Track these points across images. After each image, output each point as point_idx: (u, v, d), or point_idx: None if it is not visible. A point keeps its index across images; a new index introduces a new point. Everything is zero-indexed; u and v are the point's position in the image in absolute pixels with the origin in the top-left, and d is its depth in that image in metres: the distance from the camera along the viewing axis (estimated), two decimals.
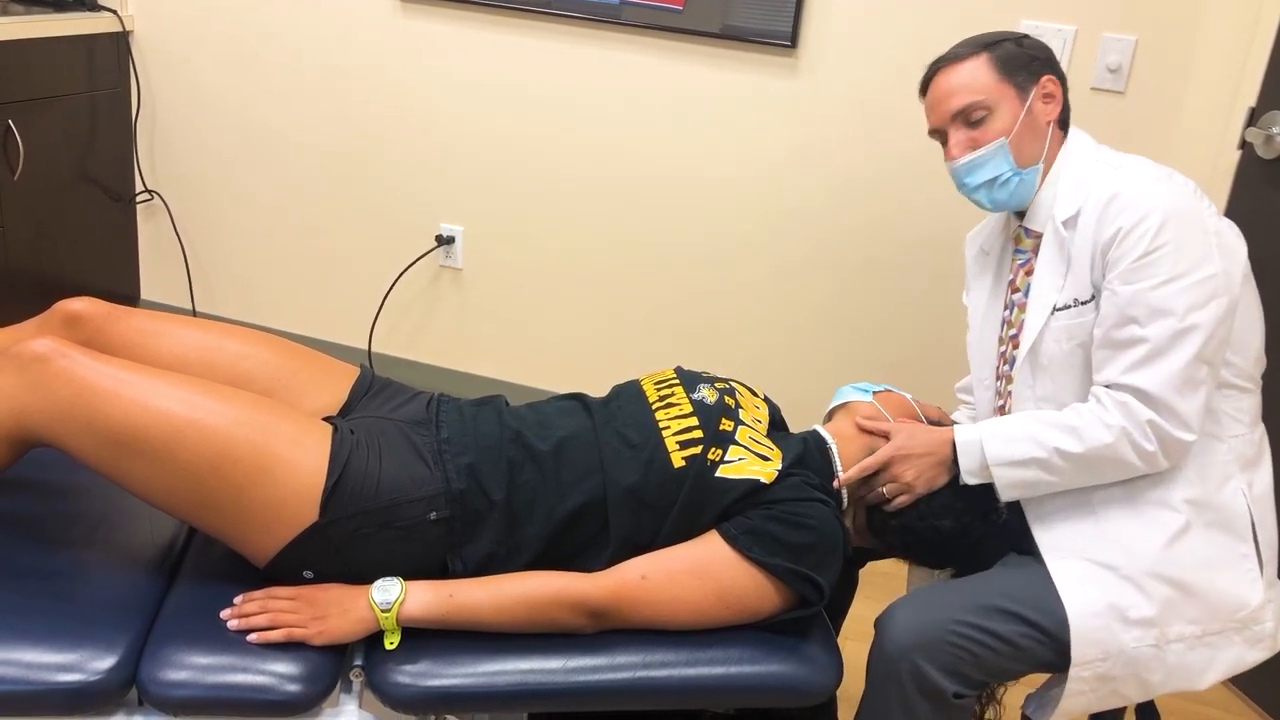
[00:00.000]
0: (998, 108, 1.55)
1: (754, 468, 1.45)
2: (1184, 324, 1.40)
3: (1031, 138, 1.56)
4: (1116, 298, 1.44)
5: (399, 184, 2.90)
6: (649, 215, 2.73)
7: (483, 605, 1.36)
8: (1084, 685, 1.47)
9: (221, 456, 1.32)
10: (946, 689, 1.45)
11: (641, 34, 2.59)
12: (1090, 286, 1.49)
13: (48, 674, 1.25)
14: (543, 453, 1.47)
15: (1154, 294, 1.41)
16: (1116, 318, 1.44)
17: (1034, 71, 1.56)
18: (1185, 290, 1.40)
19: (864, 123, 2.51)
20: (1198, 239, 1.42)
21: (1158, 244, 1.41)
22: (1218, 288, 1.41)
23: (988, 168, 1.56)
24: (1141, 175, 1.47)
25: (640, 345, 2.86)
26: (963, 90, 1.56)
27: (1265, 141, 2.08)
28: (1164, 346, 1.41)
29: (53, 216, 2.82)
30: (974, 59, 1.56)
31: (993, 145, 1.55)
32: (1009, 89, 1.55)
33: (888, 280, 2.61)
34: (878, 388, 1.69)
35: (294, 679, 1.30)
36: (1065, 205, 1.54)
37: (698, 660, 1.38)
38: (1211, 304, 1.41)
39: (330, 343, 3.11)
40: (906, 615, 1.48)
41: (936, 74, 1.60)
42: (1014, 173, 1.56)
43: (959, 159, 1.58)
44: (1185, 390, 1.41)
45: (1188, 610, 1.46)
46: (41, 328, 1.55)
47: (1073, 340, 1.51)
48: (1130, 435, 1.43)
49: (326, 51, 2.84)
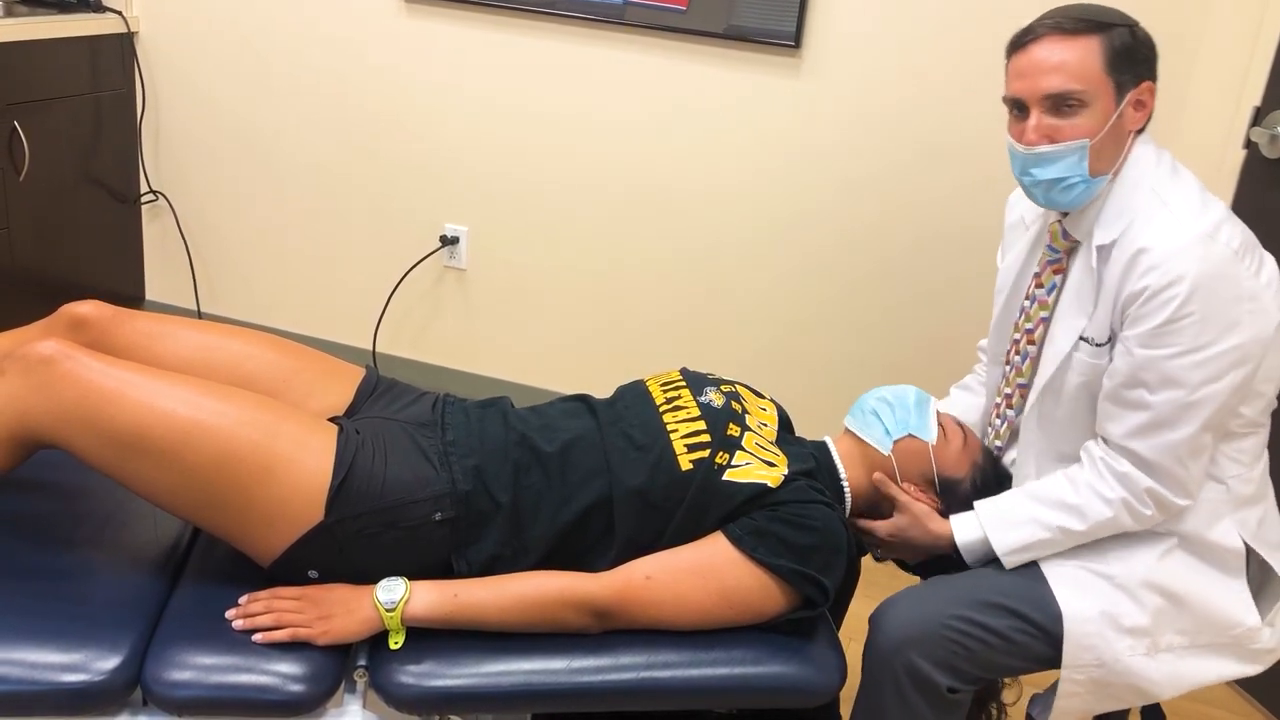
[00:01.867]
0: (1093, 103, 1.39)
1: (760, 473, 1.45)
2: (1194, 397, 1.36)
3: (1113, 145, 1.43)
4: (1131, 357, 1.38)
5: (403, 185, 2.91)
6: (653, 215, 2.73)
7: (487, 605, 1.36)
8: (1078, 687, 1.47)
9: (226, 457, 1.32)
10: (940, 683, 1.45)
11: (645, 34, 2.59)
12: (1109, 329, 1.44)
13: (52, 674, 1.26)
14: (548, 454, 1.47)
15: (1168, 364, 1.35)
16: (1127, 377, 1.40)
17: (1139, 74, 1.42)
18: (1202, 364, 1.34)
19: (868, 122, 2.51)
20: (1226, 309, 1.33)
21: (1182, 314, 1.33)
22: (1239, 358, 1.35)
23: (1059, 166, 1.43)
24: (1179, 229, 1.36)
25: (645, 346, 2.86)
26: (1065, 72, 1.39)
27: (1270, 141, 2.08)
28: (1169, 418, 1.38)
29: (58, 217, 2.82)
30: (1087, 39, 1.39)
31: (1073, 144, 1.41)
32: (1109, 85, 1.40)
33: (893, 279, 2.61)
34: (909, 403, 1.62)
35: (298, 679, 1.30)
36: (1104, 230, 1.44)
37: (701, 661, 1.38)
38: (1229, 376, 1.35)
39: (335, 343, 3.11)
40: (900, 611, 1.49)
41: (1040, 39, 1.41)
42: (1083, 180, 1.43)
43: (1033, 146, 1.43)
44: (1187, 459, 1.40)
45: (1179, 621, 1.46)
46: (47, 331, 1.55)
47: (1083, 378, 1.48)
48: (1129, 505, 1.43)
49: (331, 52, 2.84)
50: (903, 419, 1.60)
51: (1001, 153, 2.43)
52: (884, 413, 1.61)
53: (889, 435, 1.59)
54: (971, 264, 2.53)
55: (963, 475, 1.59)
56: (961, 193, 2.49)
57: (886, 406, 1.62)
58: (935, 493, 1.58)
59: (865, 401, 1.64)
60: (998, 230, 2.47)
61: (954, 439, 1.61)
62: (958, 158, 2.47)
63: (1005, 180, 2.45)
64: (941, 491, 1.58)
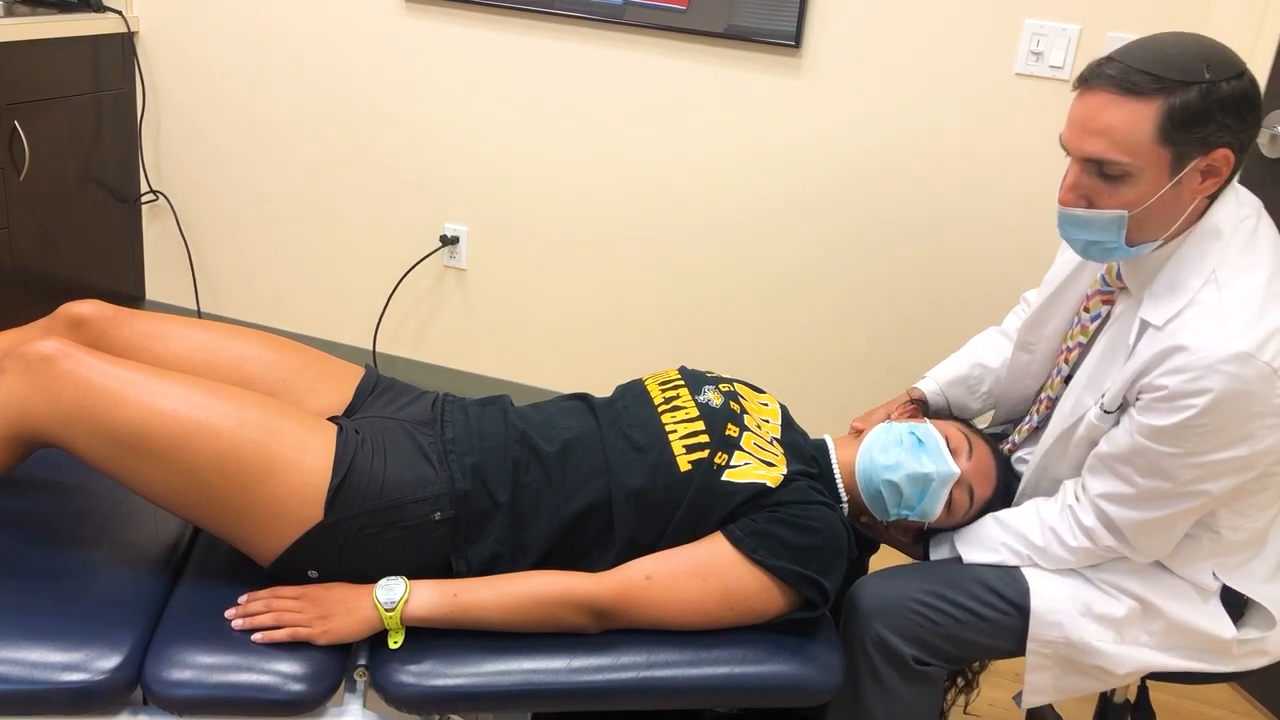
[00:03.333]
0: (1140, 175, 1.27)
1: (759, 472, 1.45)
2: (1180, 491, 1.34)
3: (1163, 215, 1.31)
4: (1130, 439, 1.35)
5: (403, 184, 2.91)
6: (652, 215, 2.73)
7: (487, 605, 1.36)
8: (1045, 661, 1.49)
9: (226, 457, 1.32)
10: (906, 654, 1.48)
11: (645, 34, 2.59)
12: (1121, 398, 1.39)
13: (53, 673, 1.26)
14: (548, 454, 1.47)
15: (1164, 459, 1.32)
16: (1120, 452, 1.37)
17: (1209, 142, 1.26)
18: (1198, 466, 1.31)
19: (868, 122, 2.51)
20: (1241, 425, 1.27)
21: (1195, 424, 1.28)
22: (1242, 466, 1.31)
23: (1093, 231, 1.34)
24: (1224, 339, 1.25)
25: (645, 345, 2.86)
26: (1110, 138, 1.27)
27: (1270, 140, 2.08)
28: (1147, 500, 1.37)
29: (58, 217, 2.82)
30: (1144, 103, 1.24)
31: (1108, 215, 1.31)
32: (1164, 155, 1.26)
33: (893, 277, 2.60)
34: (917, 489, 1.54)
35: (298, 678, 1.30)
36: (1154, 308, 1.35)
37: (701, 660, 1.38)
38: (1225, 480, 1.32)
39: (335, 343, 3.11)
40: (871, 586, 1.52)
41: (1095, 88, 1.28)
42: (1119, 247, 1.34)
43: (1065, 207, 1.34)
44: (1155, 533, 1.40)
45: (1151, 624, 1.48)
46: (47, 330, 1.55)
47: (1090, 435, 1.46)
48: (1090, 553, 1.46)
49: (331, 52, 2.85)
50: (907, 504, 1.54)
51: (1001, 152, 2.44)
52: (889, 495, 1.54)
53: (887, 513, 1.56)
54: (972, 261, 2.53)
55: (957, 522, 1.59)
56: (961, 191, 2.49)
57: (894, 491, 1.53)
58: (923, 529, 1.61)
59: (875, 476, 1.54)
60: (999, 227, 2.48)
61: (958, 511, 1.56)
62: (957, 157, 2.47)
63: (1005, 178, 2.45)
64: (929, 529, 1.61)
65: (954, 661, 1.52)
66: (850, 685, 1.52)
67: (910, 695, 1.50)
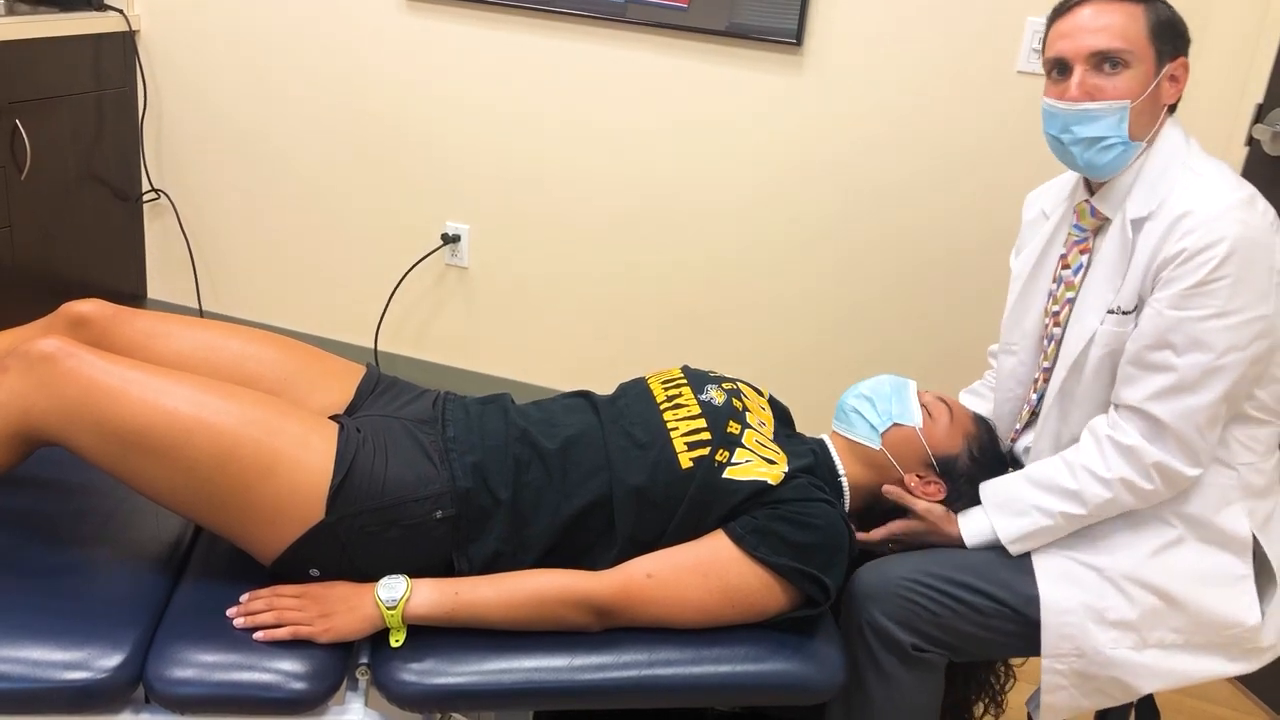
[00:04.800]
0: (1136, 67, 1.43)
1: (760, 470, 1.45)
2: (1219, 362, 1.37)
3: (1150, 113, 1.45)
4: (1160, 319, 1.39)
5: (405, 182, 2.91)
6: (654, 211, 2.73)
7: (489, 603, 1.36)
8: (1061, 679, 1.48)
9: (228, 455, 1.32)
10: (904, 640, 1.48)
11: (647, 32, 2.59)
12: (1136, 297, 1.44)
13: (54, 671, 1.26)
14: (549, 451, 1.47)
15: (1198, 325, 1.36)
16: (1154, 338, 1.40)
17: (1176, 48, 1.46)
18: (1230, 329, 1.35)
19: (870, 120, 2.51)
20: (1260, 277, 1.35)
21: (1217, 275, 1.34)
22: (1264, 329, 1.37)
23: (1100, 124, 1.44)
24: (1220, 195, 1.38)
25: (646, 343, 2.86)
26: (1113, 32, 1.42)
27: (1272, 138, 2.08)
28: (1193, 382, 1.38)
29: (59, 215, 2.83)
30: (1132, 5, 1.43)
31: (1115, 104, 1.43)
32: (1151, 52, 1.43)
33: (896, 276, 2.60)
34: (887, 393, 1.62)
35: (300, 677, 1.30)
36: (1139, 203, 1.46)
37: (703, 658, 1.38)
38: (1253, 345, 1.37)
39: (337, 341, 3.12)
40: (868, 571, 1.53)
41: (1086, 2, 1.45)
42: (1122, 142, 1.45)
43: (1076, 103, 1.44)
44: (1204, 426, 1.40)
45: (1173, 620, 1.46)
46: (48, 329, 1.55)
47: (1107, 349, 1.48)
48: (1129, 484, 1.43)
49: (332, 50, 2.84)
50: (884, 410, 1.60)
51: (1008, 146, 2.43)
52: (864, 409, 1.61)
53: (875, 430, 1.59)
54: (978, 260, 2.53)
55: (957, 449, 1.59)
56: (966, 187, 2.49)
57: (865, 402, 1.61)
58: (937, 474, 1.58)
59: (845, 401, 1.64)
60: (1003, 223, 2.48)
61: (940, 416, 1.60)
62: (961, 153, 2.47)
63: (1010, 174, 2.45)
64: (942, 472, 1.58)
65: (954, 652, 1.51)
66: (852, 673, 1.52)
67: (910, 681, 1.50)
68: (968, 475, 1.58)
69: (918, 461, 1.58)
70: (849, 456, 1.60)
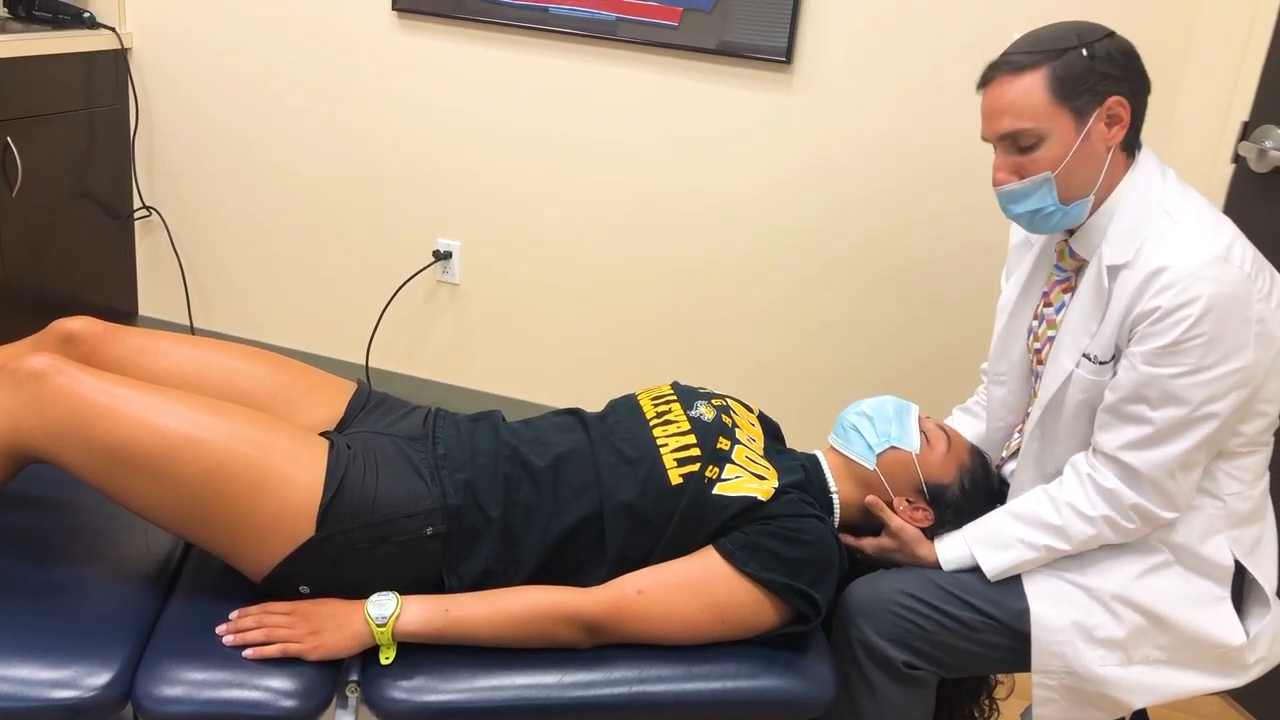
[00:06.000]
0: (1049, 136, 1.41)
1: (750, 486, 1.45)
2: (1196, 414, 1.37)
3: (1085, 168, 1.43)
4: (1135, 374, 1.39)
5: (396, 199, 2.91)
6: (644, 229, 2.74)
7: (479, 620, 1.36)
8: (1051, 693, 1.49)
9: (218, 471, 1.32)
10: (895, 658, 1.48)
11: (637, 50, 2.60)
12: (1113, 347, 1.44)
13: (43, 690, 1.25)
14: (540, 469, 1.47)
15: (1173, 382, 1.36)
16: (1129, 391, 1.40)
17: (1099, 92, 1.40)
18: (1206, 383, 1.35)
19: (859, 137, 2.52)
20: (1236, 331, 1.34)
21: (1192, 335, 1.33)
22: (1242, 380, 1.36)
23: (1031, 199, 1.46)
24: (1195, 249, 1.35)
25: (637, 360, 2.86)
26: (1012, 113, 1.42)
27: (1258, 155, 2.09)
28: (1168, 433, 1.38)
29: (51, 233, 2.82)
30: (1031, 75, 1.40)
31: (1036, 179, 1.43)
32: (1064, 114, 1.40)
33: (886, 292, 2.61)
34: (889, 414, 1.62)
35: (290, 694, 1.30)
36: (1115, 249, 1.43)
37: (694, 675, 1.38)
38: (1231, 395, 1.36)
39: (328, 358, 3.11)
40: (858, 587, 1.54)
41: (991, 81, 1.45)
42: (1057, 208, 1.45)
43: (1001, 186, 1.47)
44: (1177, 473, 1.40)
45: (1158, 638, 1.47)
46: (38, 346, 1.55)
47: (1084, 394, 1.48)
48: (1112, 521, 1.44)
49: (323, 67, 2.85)
50: (883, 431, 1.60)
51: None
52: (864, 427, 1.61)
53: (871, 450, 1.59)
54: (966, 276, 2.54)
55: (950, 479, 1.59)
56: (954, 205, 2.50)
57: (866, 420, 1.61)
58: (926, 501, 1.58)
59: (845, 417, 1.64)
60: (993, 242, 2.49)
61: (937, 444, 1.60)
62: (950, 171, 2.48)
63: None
64: (931, 499, 1.58)
65: (944, 668, 1.51)
66: (843, 689, 1.52)
67: (901, 697, 1.50)
68: (956, 506, 1.58)
69: (909, 486, 1.58)
70: (842, 473, 1.60)
